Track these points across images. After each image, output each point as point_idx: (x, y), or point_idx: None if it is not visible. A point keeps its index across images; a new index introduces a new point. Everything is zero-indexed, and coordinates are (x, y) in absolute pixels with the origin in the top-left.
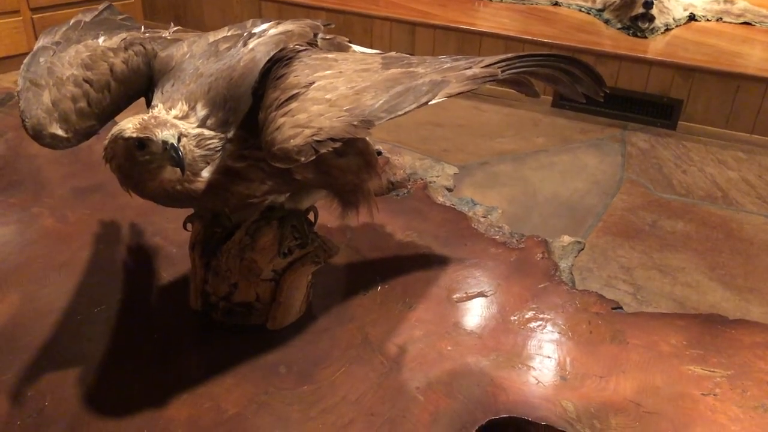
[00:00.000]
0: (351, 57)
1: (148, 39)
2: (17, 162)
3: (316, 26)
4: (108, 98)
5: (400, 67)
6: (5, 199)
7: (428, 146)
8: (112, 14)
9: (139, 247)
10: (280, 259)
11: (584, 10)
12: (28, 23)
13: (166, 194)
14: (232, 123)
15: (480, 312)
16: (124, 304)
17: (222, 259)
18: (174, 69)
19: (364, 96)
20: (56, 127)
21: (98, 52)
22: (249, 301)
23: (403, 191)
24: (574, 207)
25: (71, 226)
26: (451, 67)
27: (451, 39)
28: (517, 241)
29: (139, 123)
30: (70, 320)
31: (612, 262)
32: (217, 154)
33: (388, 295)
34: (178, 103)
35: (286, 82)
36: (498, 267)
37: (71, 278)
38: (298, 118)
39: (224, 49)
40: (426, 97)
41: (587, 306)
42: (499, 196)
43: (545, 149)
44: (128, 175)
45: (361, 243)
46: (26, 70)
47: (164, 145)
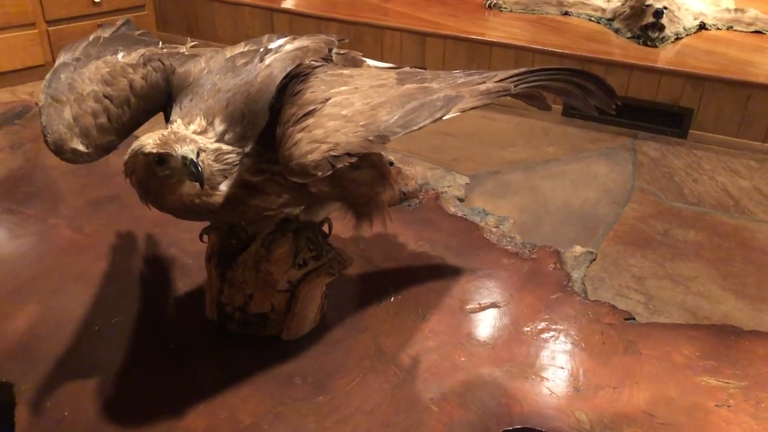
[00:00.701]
0: (366, 73)
1: (167, 55)
2: (34, 174)
3: (331, 41)
4: (127, 113)
5: (414, 83)
6: (23, 211)
7: (439, 156)
8: (130, 30)
9: (155, 257)
10: (295, 270)
11: (594, 19)
12: (44, 36)
13: (185, 208)
14: (250, 138)
15: (493, 323)
16: (141, 315)
17: (238, 271)
18: (192, 84)
19: (379, 111)
20: (77, 142)
21: (118, 68)
22: (264, 312)
23: (415, 201)
24: (585, 216)
25: (88, 237)
26: (464, 82)
27: (461, 49)
28: (529, 252)
29: (159, 138)
30: (88, 331)
31: (624, 271)
32: (235, 168)
33: (401, 306)
34: (197, 118)
35: (302, 98)
36: (510, 277)
37: (88, 289)
38: (315, 134)
39: (241, 64)
40: (440, 112)
41: (600, 317)
42: (510, 206)
43: (556, 158)
44: (148, 190)
45: (374, 253)
46: (48, 86)
47: (184, 160)
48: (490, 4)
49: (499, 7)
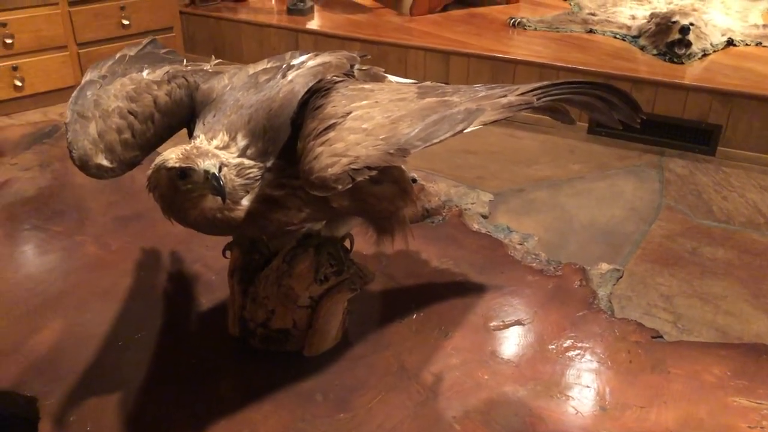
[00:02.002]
0: (387, 87)
1: (191, 72)
2: (62, 192)
3: (353, 57)
4: (151, 129)
5: (435, 97)
6: (50, 228)
7: (462, 174)
8: (156, 48)
9: (179, 274)
10: (316, 285)
11: (619, 36)
12: (75, 57)
13: (207, 222)
14: (271, 152)
15: (517, 340)
16: (164, 330)
17: (260, 286)
18: (215, 100)
19: (400, 125)
20: (102, 157)
21: (142, 84)
22: (286, 328)
23: (438, 218)
24: (612, 234)
25: (113, 253)
26: (485, 96)
27: (485, 67)
28: (554, 269)
29: (182, 153)
30: (112, 346)
31: (651, 290)
32: (257, 183)
33: (424, 323)
34: (219, 133)
35: (323, 113)
36: (535, 295)
37: (113, 305)
38: (335, 147)
39: (264, 80)
40: (461, 125)
41: (626, 335)
42: (535, 224)
43: (581, 176)
44: (171, 204)
45: (396, 270)
46: (74, 103)
47: (206, 175)
48: (514, 23)
49: (523, 25)
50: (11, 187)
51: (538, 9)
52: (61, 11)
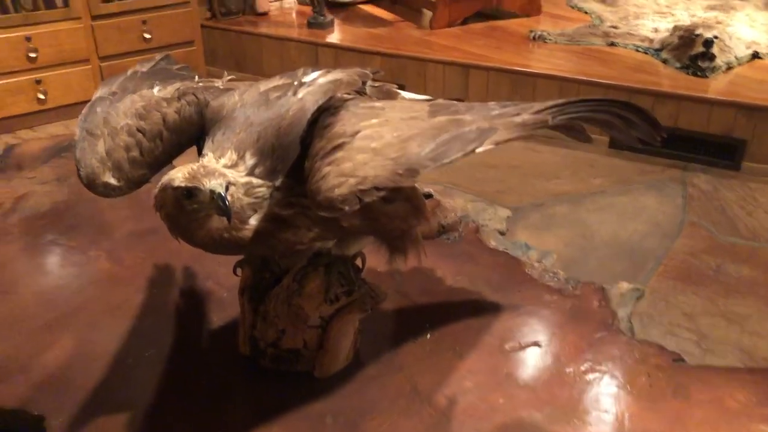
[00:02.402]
0: (398, 105)
1: (201, 89)
2: (78, 206)
3: (365, 74)
4: (160, 147)
5: (447, 115)
6: (66, 242)
7: (482, 187)
8: (169, 64)
9: (191, 290)
10: (327, 305)
11: (641, 50)
12: (97, 71)
13: (214, 242)
14: (280, 171)
15: (533, 363)
16: (175, 348)
17: (270, 305)
18: (225, 118)
19: (409, 144)
20: (109, 176)
21: (152, 101)
22: (296, 348)
23: (454, 235)
24: (633, 250)
25: (126, 269)
26: (499, 114)
27: (504, 81)
28: (572, 288)
29: (188, 172)
30: (122, 364)
31: (674, 308)
32: (265, 201)
33: (437, 343)
34: (228, 151)
35: (332, 132)
36: (553, 315)
37: (124, 321)
38: (343, 168)
39: (275, 98)
40: (473, 144)
41: (647, 357)
42: (555, 239)
43: (603, 190)
44: (177, 224)
45: (410, 288)
46: (83, 120)
47: (212, 194)
48: (535, 36)
49: (543, 38)
50: (28, 200)
51: (559, 22)
52: (83, 25)
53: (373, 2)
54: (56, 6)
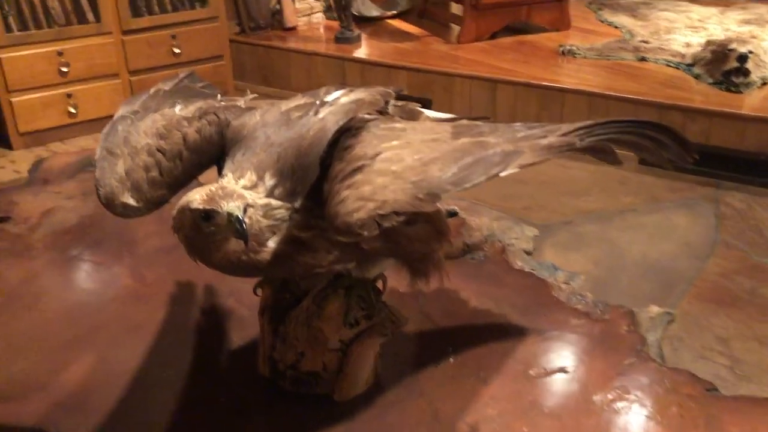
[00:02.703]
0: (420, 126)
1: (223, 108)
2: (104, 221)
3: (387, 93)
4: (179, 167)
5: (470, 137)
6: (90, 258)
7: (510, 204)
8: (192, 82)
9: (212, 308)
10: (346, 329)
11: (672, 65)
12: (127, 85)
13: (231, 265)
14: (300, 193)
15: (559, 390)
16: (194, 368)
17: (290, 326)
18: (246, 138)
19: (431, 167)
20: (128, 196)
21: (173, 121)
22: (316, 371)
23: (479, 255)
24: (664, 271)
25: (148, 286)
26: (525, 137)
27: (532, 96)
28: (600, 312)
29: (206, 194)
30: (140, 384)
31: (706, 331)
32: (284, 224)
33: (460, 368)
34: (247, 172)
35: (352, 154)
36: (580, 340)
37: (145, 340)
38: (362, 191)
39: (296, 117)
40: (497, 168)
41: (678, 386)
42: (584, 258)
43: (633, 208)
44: (195, 246)
45: (433, 309)
46: (105, 139)
47: (229, 217)
48: (564, 51)
49: (573, 53)
50: (54, 215)
51: (589, 36)
52: (114, 40)
53: (401, 17)
54: (88, 21)
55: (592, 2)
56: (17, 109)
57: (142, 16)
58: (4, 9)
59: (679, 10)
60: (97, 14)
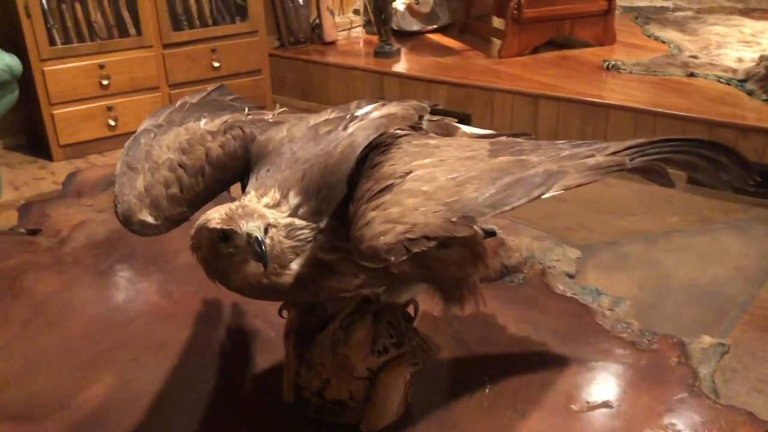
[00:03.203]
0: (455, 143)
1: (249, 122)
2: (133, 237)
3: (422, 108)
4: (201, 184)
5: (509, 155)
6: (117, 273)
7: (551, 223)
8: (221, 95)
9: (238, 328)
10: (374, 357)
11: (724, 80)
12: (166, 98)
13: (251, 288)
14: (325, 212)
15: (603, 426)
16: (217, 391)
17: (315, 352)
18: (271, 153)
19: (466, 188)
20: (146, 213)
21: (197, 135)
22: (342, 399)
23: (518, 277)
24: (714, 296)
25: (174, 303)
26: (569, 155)
27: (576, 112)
28: (648, 341)
29: (225, 213)
30: (161, 407)
31: (762, 362)
32: (308, 245)
33: (496, 399)
34: (271, 190)
35: (380, 172)
36: (625, 372)
37: (168, 360)
38: (390, 212)
39: (324, 132)
40: (539, 190)
41: (735, 427)
42: (629, 281)
43: (680, 229)
44: (213, 268)
45: (468, 335)
46: (126, 153)
47: (248, 238)
48: (609, 65)
49: (618, 68)
50: (84, 229)
51: (634, 51)
52: (155, 54)
53: (441, 31)
54: (129, 34)
55: (638, 16)
56: (58, 122)
57: (183, 29)
58: (49, 22)
59: (731, 24)
60: (139, 28)
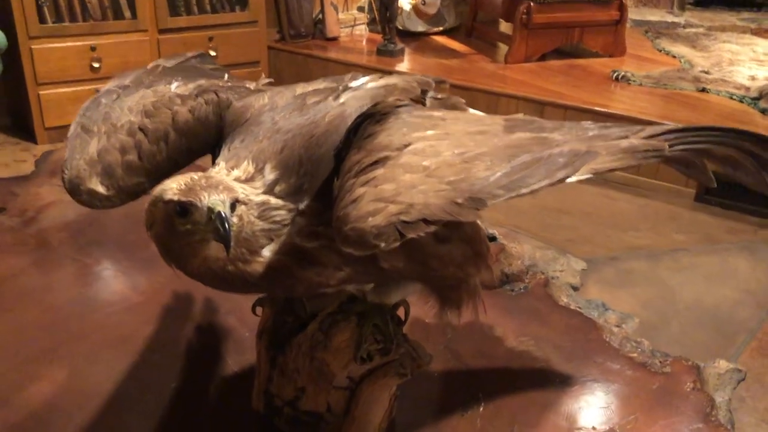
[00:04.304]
0: (464, 116)
1: (227, 88)
2: (104, 219)
3: (426, 82)
4: (164, 151)
5: (528, 132)
6: (81, 259)
7: (551, 234)
8: (203, 62)
9: (208, 326)
10: (357, 364)
11: (736, 97)
12: None
13: (213, 275)
14: (307, 191)
15: None
16: (179, 394)
17: (290, 356)
18: (249, 122)
19: (475, 165)
20: (96, 182)
21: (165, 98)
22: (318, 411)
23: (519, 286)
24: (721, 319)
25: (141, 295)
26: (598, 135)
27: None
28: (660, 363)
29: (185, 183)
30: (114, 408)
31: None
32: (284, 228)
33: (491, 420)
34: (243, 162)
35: (374, 143)
36: (636, 396)
37: (128, 357)
38: (382, 190)
39: (312, 102)
40: (563, 171)
41: None
42: (632, 299)
43: (686, 248)
44: (168, 249)
45: (463, 346)
46: (82, 114)
47: (209, 213)
48: (618, 76)
49: (627, 79)
50: (52, 210)
51: (644, 64)
52: (149, 38)
53: (446, 34)
54: (124, 17)
55: (648, 30)
56: (45, 103)
57: (180, 15)
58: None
59: (743, 42)
60: (134, 11)
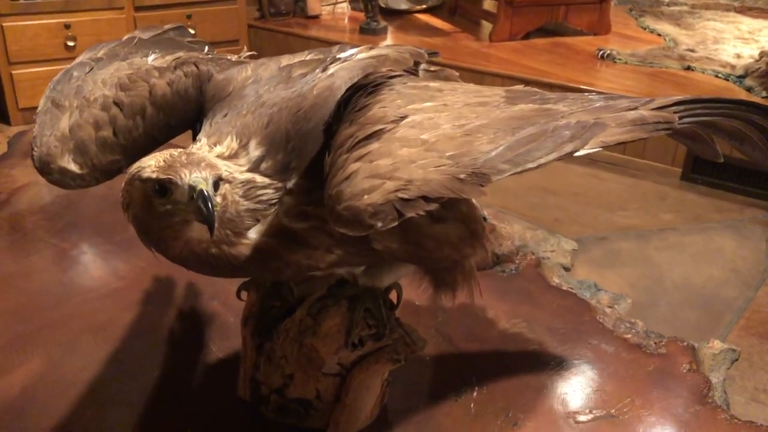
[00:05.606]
0: (462, 87)
1: (207, 60)
2: (82, 201)
3: (419, 53)
4: (140, 127)
5: (531, 103)
6: (58, 243)
7: (538, 214)
8: (180, 35)
9: (191, 311)
10: (347, 350)
11: (722, 76)
12: None
13: (196, 259)
14: (295, 169)
15: None
16: (162, 382)
17: (277, 342)
18: (231, 96)
19: (478, 138)
20: (68, 160)
21: (142, 71)
22: (307, 399)
23: (510, 267)
24: (709, 298)
25: (121, 279)
26: (605, 107)
27: None
28: (655, 345)
29: (164, 160)
30: (95, 397)
31: (759, 371)
32: (271, 208)
33: (485, 404)
34: (227, 138)
35: (367, 115)
36: (631, 378)
37: (107, 344)
38: (378, 165)
39: (298, 75)
40: (570, 145)
41: None
42: (620, 279)
43: (674, 227)
44: (147, 230)
45: (454, 330)
46: (52, 87)
47: (191, 192)
48: (603, 55)
49: (612, 58)
50: (26, 193)
51: (629, 42)
52: (125, 16)
53: (430, 12)
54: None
55: (632, 8)
56: (18, 83)
57: None
58: None
59: (727, 20)
60: None
